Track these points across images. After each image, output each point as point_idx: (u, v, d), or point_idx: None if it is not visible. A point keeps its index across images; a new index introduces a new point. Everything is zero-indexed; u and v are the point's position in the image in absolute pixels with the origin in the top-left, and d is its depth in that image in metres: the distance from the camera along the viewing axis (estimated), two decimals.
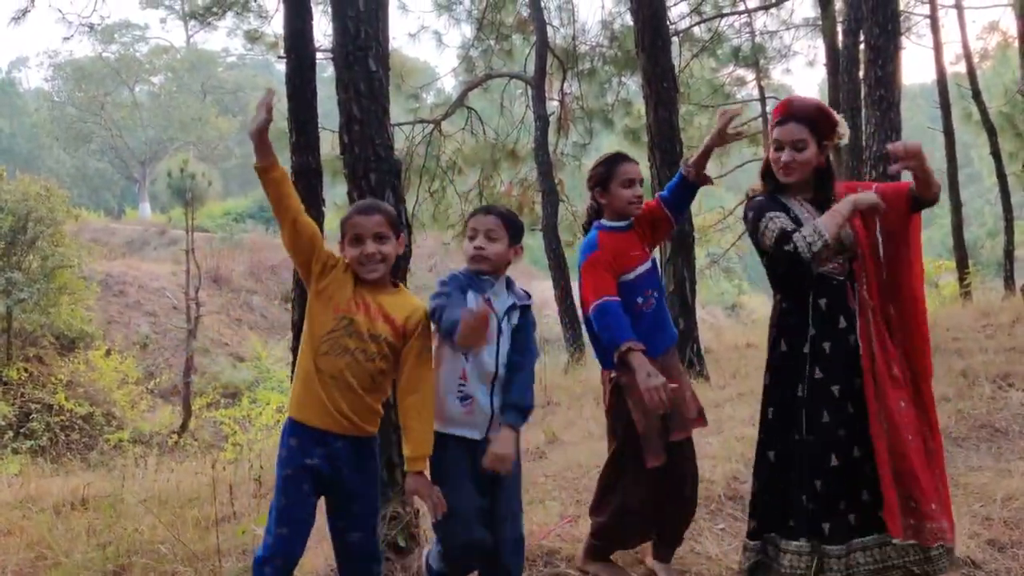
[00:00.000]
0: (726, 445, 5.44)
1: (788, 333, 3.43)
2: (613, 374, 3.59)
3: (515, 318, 3.12)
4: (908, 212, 3.42)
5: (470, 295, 3.03)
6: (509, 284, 3.18)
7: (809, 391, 3.36)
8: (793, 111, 3.43)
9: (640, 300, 3.62)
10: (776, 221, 3.27)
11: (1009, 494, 4.53)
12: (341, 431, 2.90)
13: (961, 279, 15.01)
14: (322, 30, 12.17)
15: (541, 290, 16.88)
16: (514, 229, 3.16)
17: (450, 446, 3.02)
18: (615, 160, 3.70)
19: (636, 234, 3.69)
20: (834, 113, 3.50)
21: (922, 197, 3.36)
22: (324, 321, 2.91)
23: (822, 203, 3.43)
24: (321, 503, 2.98)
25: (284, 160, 7.59)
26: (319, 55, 6.14)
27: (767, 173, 3.50)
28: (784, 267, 3.39)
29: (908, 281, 3.50)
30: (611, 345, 3.46)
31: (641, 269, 3.63)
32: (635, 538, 3.81)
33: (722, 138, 3.59)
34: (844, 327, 3.38)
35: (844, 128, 3.48)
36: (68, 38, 61.15)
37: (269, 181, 2.84)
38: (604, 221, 3.70)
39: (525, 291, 3.23)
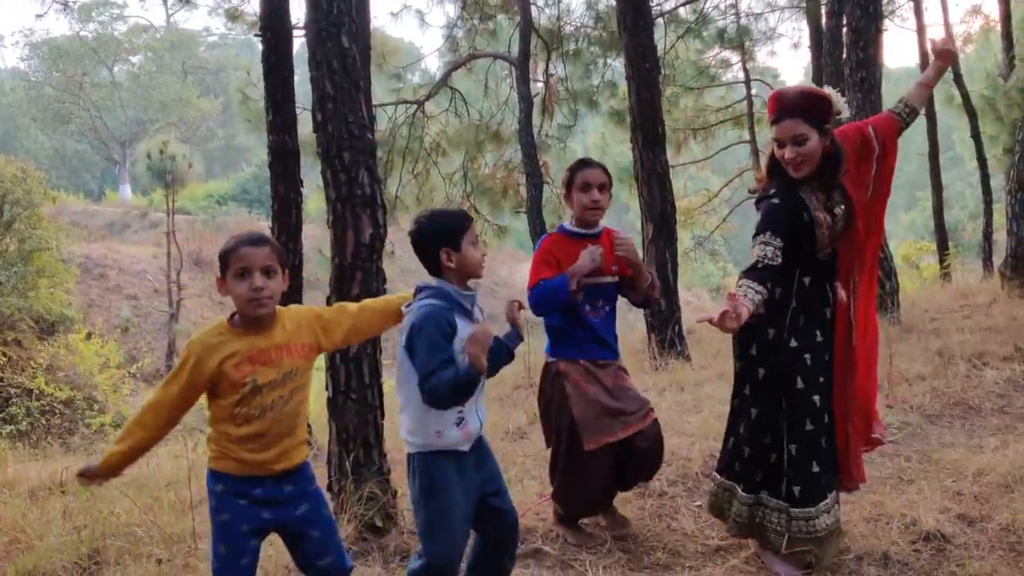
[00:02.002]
0: (704, 424, 5.47)
1: (771, 306, 3.45)
2: (551, 359, 3.83)
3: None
4: (896, 135, 3.64)
5: (459, 323, 2.86)
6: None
7: (785, 360, 3.47)
8: (784, 105, 3.45)
9: (588, 307, 3.78)
10: (756, 250, 3.34)
11: (980, 469, 4.58)
12: (270, 474, 2.75)
13: (941, 261, 15.09)
14: (300, 8, 12.07)
15: (525, 272, 16.87)
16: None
17: (441, 461, 2.92)
18: (578, 165, 3.84)
19: (607, 248, 3.79)
20: (823, 91, 3.51)
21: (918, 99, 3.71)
22: (227, 397, 2.69)
23: (829, 188, 3.48)
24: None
25: (261, 140, 7.48)
26: (296, 33, 6.10)
27: (773, 169, 3.52)
28: None
29: (880, 213, 3.68)
30: (557, 297, 3.61)
31: (598, 280, 3.76)
32: (593, 508, 3.95)
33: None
34: (822, 299, 3.53)
35: (839, 102, 3.50)
36: (41, 16, 60.33)
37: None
38: (565, 224, 3.88)
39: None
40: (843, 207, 3.50)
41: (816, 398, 3.45)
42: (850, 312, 3.58)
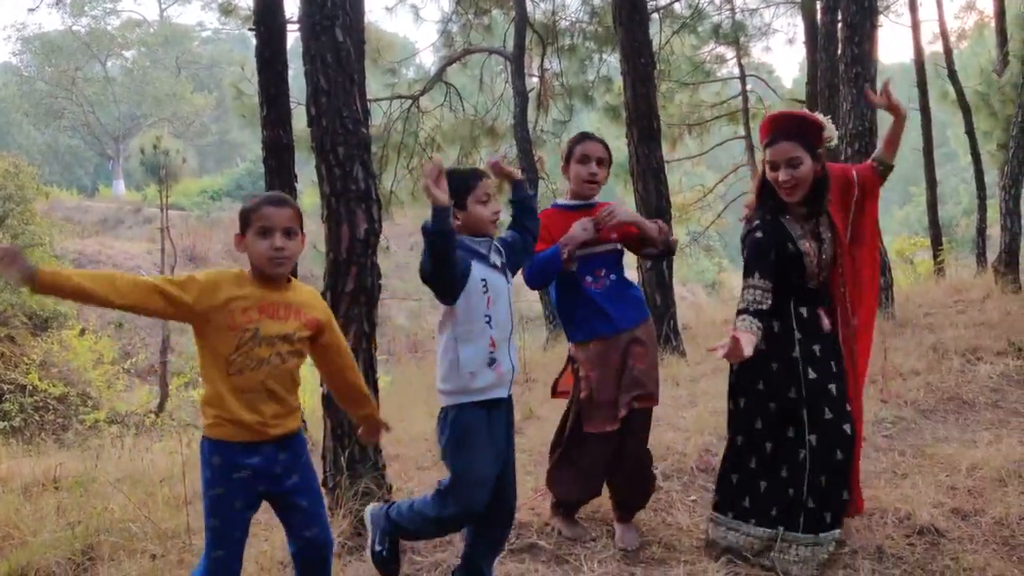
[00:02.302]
0: (699, 419, 5.48)
1: (772, 336, 3.48)
2: (569, 344, 3.85)
3: (503, 264, 3.15)
4: (878, 183, 3.64)
5: (475, 265, 3.01)
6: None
7: (807, 391, 3.45)
8: (780, 128, 3.48)
9: (589, 278, 3.75)
10: (746, 295, 3.36)
11: (974, 464, 4.60)
12: (267, 438, 2.77)
13: (935, 256, 15.11)
14: (294, 2, 12.03)
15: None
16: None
17: (471, 412, 3.04)
18: (578, 138, 3.85)
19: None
20: (818, 117, 3.54)
21: (888, 155, 3.63)
22: (225, 341, 2.71)
23: (815, 215, 3.51)
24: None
25: (256, 136, 7.48)
26: (290, 27, 6.07)
27: (763, 191, 3.53)
28: None
29: (870, 253, 3.71)
30: (549, 268, 3.61)
31: (594, 248, 3.74)
32: (583, 495, 3.93)
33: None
34: (828, 332, 3.54)
35: (830, 128, 3.53)
36: (34, 10, 60.02)
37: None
38: (558, 200, 3.89)
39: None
40: (830, 234, 3.53)
41: (846, 427, 3.46)
42: (839, 339, 3.61)
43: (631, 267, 7.25)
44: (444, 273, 2.90)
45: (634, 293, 3.86)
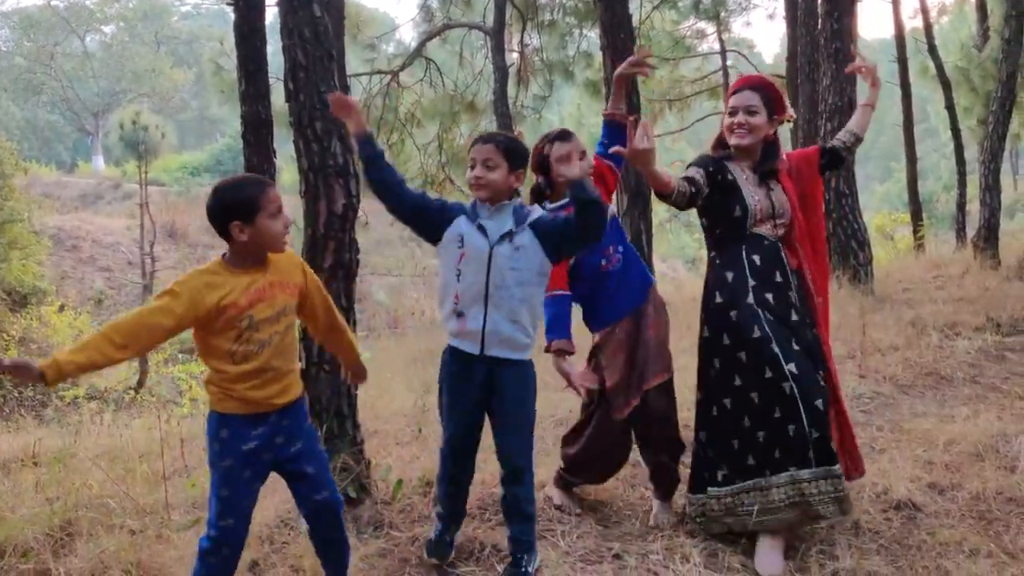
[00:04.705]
0: (678, 394, 5.48)
1: (726, 287, 3.56)
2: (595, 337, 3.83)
3: (519, 239, 3.12)
4: (818, 174, 3.84)
5: (462, 220, 3.15)
6: (518, 211, 3.18)
7: (771, 329, 3.46)
8: (749, 81, 3.73)
9: (604, 261, 3.73)
10: (688, 171, 3.55)
11: (951, 439, 4.64)
12: (273, 409, 2.83)
13: (915, 232, 15.20)
14: None
15: None
16: (513, 155, 3.17)
17: (455, 357, 3.23)
18: (552, 139, 3.75)
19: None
20: (784, 96, 3.76)
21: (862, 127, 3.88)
22: (224, 335, 2.73)
23: (765, 174, 3.65)
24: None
25: (235, 111, 7.39)
26: (268, 2, 6.00)
27: (721, 141, 3.71)
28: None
29: (818, 234, 3.82)
30: (547, 334, 3.64)
31: None
32: (597, 475, 3.97)
33: (630, 67, 3.77)
34: (780, 282, 3.56)
35: (790, 108, 3.76)
36: None
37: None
38: (548, 205, 3.75)
39: (529, 210, 3.24)
40: (783, 197, 3.63)
41: (818, 376, 3.49)
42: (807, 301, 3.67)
43: None
44: (385, 199, 3.19)
45: (638, 259, 3.87)
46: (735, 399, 3.52)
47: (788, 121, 3.71)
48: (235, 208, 2.73)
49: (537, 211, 3.24)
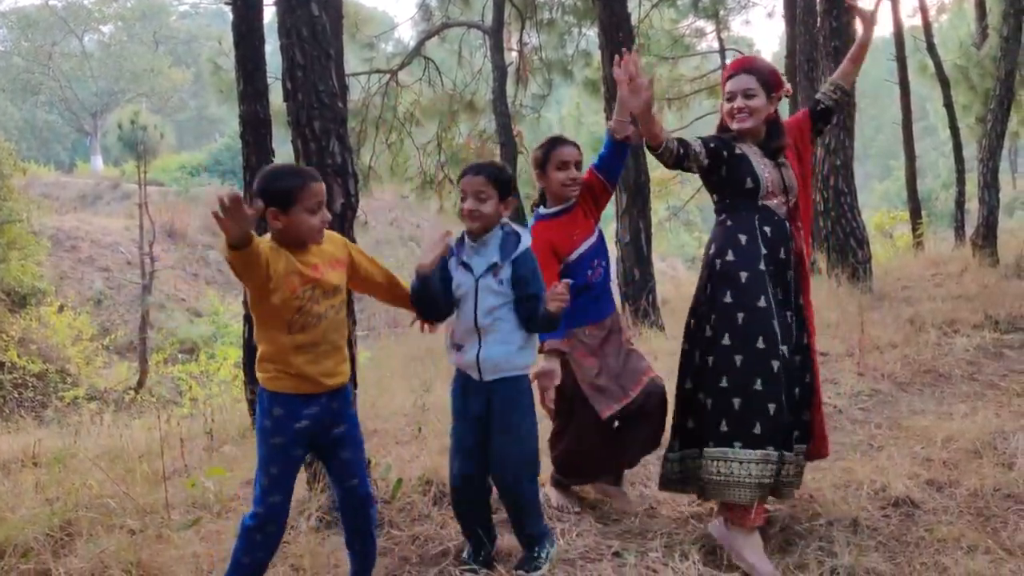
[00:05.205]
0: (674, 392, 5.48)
1: (739, 247, 3.48)
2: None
3: (503, 273, 3.17)
4: (811, 144, 3.85)
5: (452, 262, 3.22)
6: (505, 240, 3.22)
7: (775, 304, 3.44)
8: (742, 65, 3.70)
9: (589, 272, 3.80)
10: (704, 136, 3.56)
11: (949, 436, 4.65)
12: (325, 389, 2.90)
13: (914, 230, 15.19)
14: None
15: None
16: (502, 186, 3.23)
17: (459, 379, 3.30)
18: (551, 143, 3.85)
19: (579, 211, 3.82)
20: (778, 70, 3.73)
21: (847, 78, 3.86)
22: (285, 304, 2.80)
23: (773, 151, 3.61)
24: None
25: (233, 111, 7.42)
26: (267, 1, 6.00)
27: (722, 129, 3.67)
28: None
29: (807, 209, 3.77)
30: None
31: (585, 246, 3.79)
32: (590, 475, 3.97)
33: (633, 91, 3.54)
34: (784, 259, 3.53)
35: (787, 84, 3.71)
36: None
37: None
38: (542, 209, 3.87)
39: (517, 234, 3.26)
40: (791, 170, 3.62)
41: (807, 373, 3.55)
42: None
43: (609, 240, 7.24)
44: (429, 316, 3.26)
45: (610, 280, 3.96)
46: (718, 357, 3.45)
47: (786, 96, 3.69)
48: (272, 197, 2.78)
49: (525, 243, 3.23)
